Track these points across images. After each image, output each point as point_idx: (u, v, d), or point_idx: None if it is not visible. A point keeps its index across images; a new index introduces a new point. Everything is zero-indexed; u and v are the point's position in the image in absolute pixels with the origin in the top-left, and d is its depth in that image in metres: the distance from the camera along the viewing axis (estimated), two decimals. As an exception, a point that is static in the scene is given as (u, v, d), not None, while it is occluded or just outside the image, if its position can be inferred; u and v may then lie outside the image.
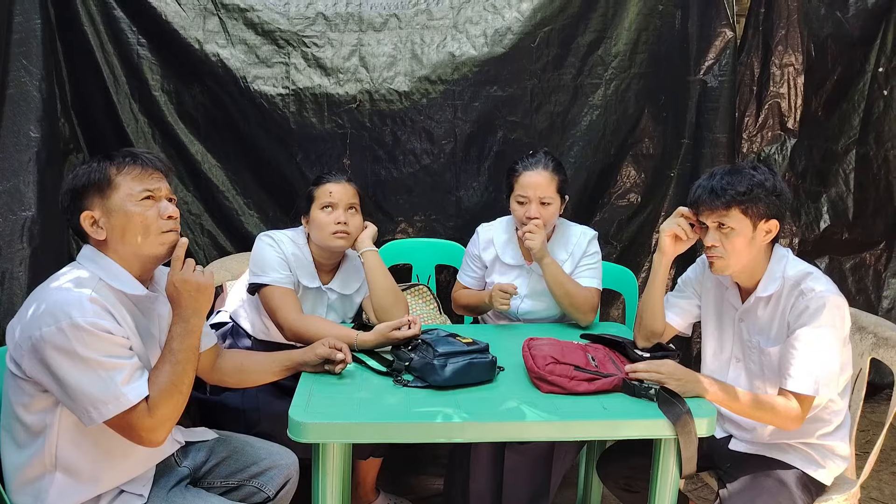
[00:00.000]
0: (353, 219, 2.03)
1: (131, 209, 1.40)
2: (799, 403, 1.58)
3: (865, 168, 3.07)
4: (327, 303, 2.08)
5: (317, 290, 2.06)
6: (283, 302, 1.93)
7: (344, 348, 1.67)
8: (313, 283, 2.05)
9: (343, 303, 2.13)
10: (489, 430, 1.49)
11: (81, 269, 1.39)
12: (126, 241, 1.40)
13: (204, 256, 2.64)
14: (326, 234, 2.00)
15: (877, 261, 3.16)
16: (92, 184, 1.39)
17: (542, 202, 2.07)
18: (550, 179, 2.08)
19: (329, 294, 2.08)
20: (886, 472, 2.67)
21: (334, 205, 2.01)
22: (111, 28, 2.50)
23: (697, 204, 1.68)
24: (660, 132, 2.80)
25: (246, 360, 1.74)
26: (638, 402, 1.54)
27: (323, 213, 2.01)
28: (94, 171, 1.41)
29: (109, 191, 1.40)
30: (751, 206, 1.61)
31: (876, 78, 3.00)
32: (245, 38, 2.53)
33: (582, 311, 2.08)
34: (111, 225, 1.40)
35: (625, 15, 2.67)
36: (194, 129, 2.61)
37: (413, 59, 2.60)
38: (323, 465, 1.49)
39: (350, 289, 2.13)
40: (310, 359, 1.67)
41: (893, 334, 1.78)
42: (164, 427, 1.34)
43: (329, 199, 2.01)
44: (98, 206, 1.40)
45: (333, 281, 2.10)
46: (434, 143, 2.67)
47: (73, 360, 1.26)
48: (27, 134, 2.30)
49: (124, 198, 1.40)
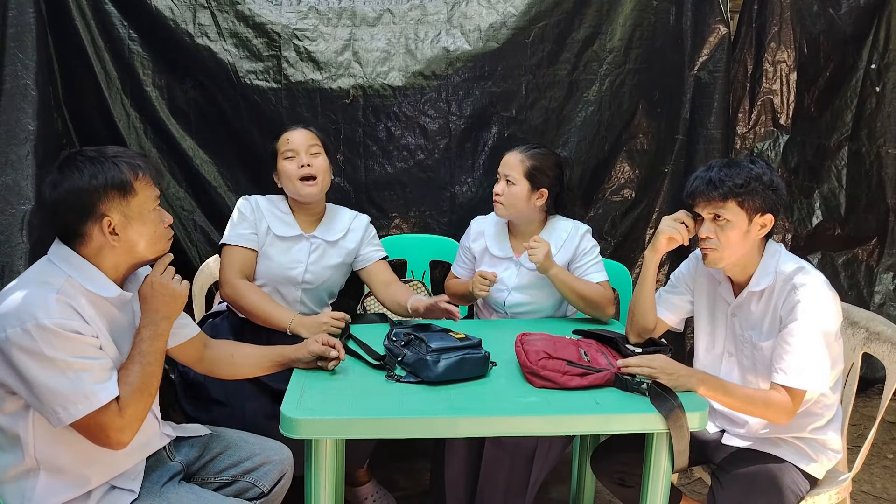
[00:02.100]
0: (315, 160, 2.07)
1: (149, 217, 1.41)
2: (790, 398, 1.59)
3: (858, 164, 3.08)
4: (310, 250, 2.11)
5: (297, 238, 2.10)
6: (230, 260, 2.03)
7: (337, 345, 1.67)
8: (291, 231, 2.09)
9: (330, 248, 2.15)
10: (482, 426, 1.50)
11: (50, 266, 1.37)
12: (135, 249, 1.40)
13: (197, 252, 2.63)
14: (294, 181, 2.05)
15: (869, 256, 3.18)
16: (112, 187, 1.35)
17: (508, 180, 2.13)
18: (520, 161, 2.13)
19: (313, 241, 2.12)
20: (878, 465, 2.69)
21: (295, 151, 2.05)
22: (102, 23, 2.48)
23: (694, 195, 1.68)
24: (654, 128, 2.81)
25: (237, 352, 1.73)
26: (630, 396, 1.55)
27: (287, 163, 2.06)
28: (111, 173, 1.35)
29: (130, 197, 1.37)
30: (747, 198, 1.62)
31: (868, 74, 3.01)
32: (237, 31, 2.52)
33: (601, 308, 2.09)
34: (127, 233, 1.38)
35: (619, 10, 2.67)
36: (186, 124, 2.60)
37: (407, 54, 2.59)
38: (316, 461, 1.48)
39: (334, 235, 2.16)
40: (303, 356, 1.67)
41: (885, 329, 1.79)
42: (132, 427, 1.33)
43: (288, 146, 2.06)
44: (117, 212, 1.37)
45: (318, 229, 2.14)
46: (428, 139, 2.66)
47: (41, 361, 1.25)
48: (25, 127, 2.30)
49: (142, 206, 1.39)
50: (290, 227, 2.10)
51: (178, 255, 2.58)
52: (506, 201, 2.14)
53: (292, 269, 2.09)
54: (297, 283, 2.10)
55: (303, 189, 2.04)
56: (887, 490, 2.53)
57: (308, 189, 2.04)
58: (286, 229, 2.09)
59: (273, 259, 2.07)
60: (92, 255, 1.38)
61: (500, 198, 2.14)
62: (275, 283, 2.09)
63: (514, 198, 2.12)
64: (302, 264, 2.09)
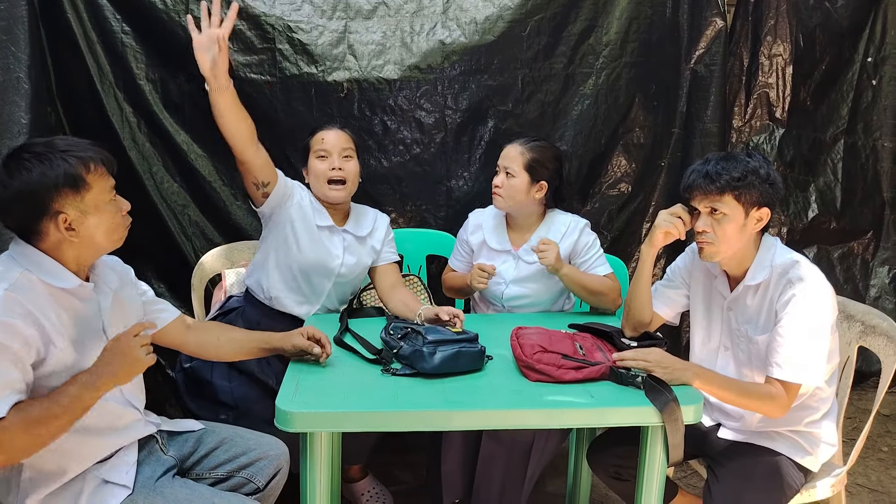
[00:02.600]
0: (347, 164, 2.07)
1: (105, 209, 1.38)
2: (785, 391, 1.59)
3: (853, 157, 3.08)
4: (344, 245, 2.10)
5: (331, 229, 2.10)
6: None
7: (323, 338, 1.67)
8: (325, 221, 2.09)
9: (359, 245, 2.15)
10: (477, 419, 1.49)
11: (9, 262, 1.34)
12: (94, 241, 1.38)
13: (192, 247, 2.62)
14: (322, 182, 2.06)
15: (864, 250, 3.18)
16: (64, 184, 1.32)
17: (507, 172, 2.13)
18: (520, 154, 2.13)
19: (345, 236, 2.12)
20: (873, 458, 2.70)
21: (328, 152, 2.05)
22: (95, 16, 2.45)
23: (691, 188, 1.68)
24: (651, 121, 2.80)
25: (223, 335, 1.73)
26: (625, 389, 1.55)
27: (318, 162, 2.07)
28: (62, 170, 1.32)
29: (83, 192, 1.35)
30: (744, 192, 1.61)
31: (865, 68, 3.01)
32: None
33: (610, 299, 2.13)
34: (84, 227, 1.36)
35: (616, 4, 2.66)
36: (180, 118, 2.58)
37: (402, 47, 2.58)
38: (311, 454, 1.48)
39: (363, 230, 2.16)
40: (287, 347, 1.67)
41: (881, 322, 1.79)
42: (3, 453, 1.25)
43: (322, 146, 2.06)
44: (72, 207, 1.34)
45: (348, 223, 2.15)
46: (424, 133, 2.65)
47: None
48: (18, 121, 2.28)
49: (97, 198, 1.37)
50: (324, 216, 2.10)
51: (172, 251, 2.61)
52: (505, 193, 2.13)
53: (331, 261, 2.08)
54: (331, 275, 2.10)
55: (330, 192, 2.06)
56: (882, 482, 2.54)
57: (335, 193, 2.07)
58: (322, 219, 2.09)
59: (308, 246, 2.06)
60: (51, 249, 1.37)
61: (500, 190, 2.14)
62: (308, 270, 2.07)
63: (513, 190, 2.12)
64: (339, 257, 2.09)
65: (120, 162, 2.46)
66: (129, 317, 1.54)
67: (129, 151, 2.53)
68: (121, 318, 1.51)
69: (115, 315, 1.49)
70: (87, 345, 1.39)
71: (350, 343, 1.79)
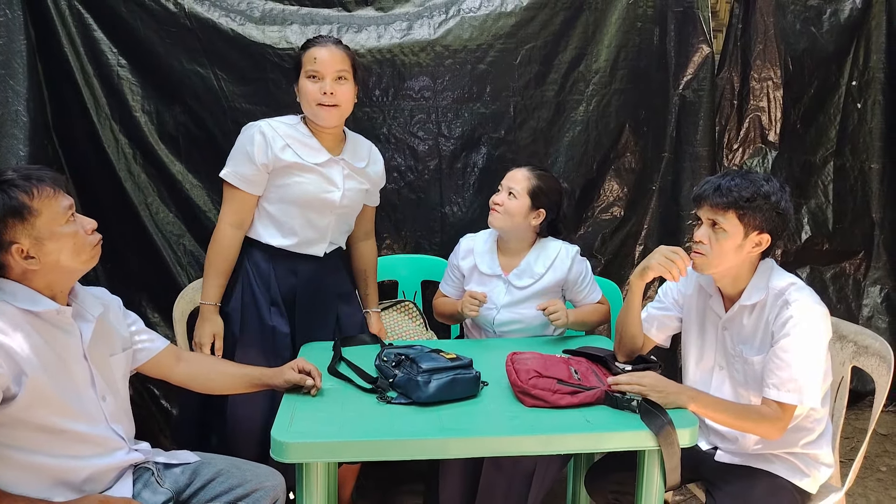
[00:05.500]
0: (340, 87, 1.91)
1: (61, 231, 1.36)
2: (782, 412, 1.59)
3: (843, 179, 3.11)
4: (343, 174, 2.00)
5: (327, 163, 1.97)
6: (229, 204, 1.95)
7: (313, 371, 1.67)
8: (319, 157, 1.95)
9: (357, 175, 2.06)
10: (473, 446, 1.49)
11: None
12: (60, 265, 1.37)
13: (186, 277, 2.62)
14: (312, 105, 1.90)
15: (856, 270, 3.20)
16: (8, 216, 1.31)
17: (510, 192, 2.15)
18: (526, 178, 2.17)
19: (343, 166, 2.01)
20: (871, 478, 2.69)
21: (319, 73, 1.89)
22: (92, 50, 2.48)
23: (700, 198, 1.69)
24: (641, 146, 2.83)
25: (215, 369, 1.73)
26: (621, 414, 1.55)
27: (308, 83, 1.90)
28: (3, 203, 1.30)
29: (32, 218, 1.33)
30: (749, 213, 1.63)
31: (850, 91, 3.06)
32: (224, 54, 2.50)
33: (605, 326, 2.29)
34: (43, 253, 1.35)
35: (605, 32, 2.70)
36: (175, 149, 2.59)
37: (396, 76, 2.61)
38: (307, 485, 1.47)
39: (359, 162, 2.07)
40: (279, 382, 1.67)
41: (873, 343, 1.80)
42: None
43: (314, 66, 1.89)
44: (24, 237, 1.33)
45: (344, 152, 2.03)
46: (418, 160, 2.67)
47: None
48: (17, 153, 2.29)
49: (50, 223, 1.35)
50: (317, 153, 1.96)
51: (167, 281, 2.61)
52: (504, 211, 2.16)
53: (329, 193, 1.97)
54: (333, 208, 2.00)
55: (320, 112, 1.90)
56: (882, 503, 2.52)
57: (325, 113, 1.90)
58: (312, 155, 1.95)
59: (305, 183, 1.95)
60: (20, 279, 1.36)
61: (499, 207, 2.16)
62: (307, 207, 1.98)
63: (513, 210, 2.15)
64: (339, 189, 1.99)
65: (116, 193, 2.55)
66: (115, 345, 1.54)
67: (125, 182, 2.54)
68: (105, 344, 1.51)
69: (98, 342, 1.48)
70: (67, 372, 1.38)
71: (344, 372, 1.79)
